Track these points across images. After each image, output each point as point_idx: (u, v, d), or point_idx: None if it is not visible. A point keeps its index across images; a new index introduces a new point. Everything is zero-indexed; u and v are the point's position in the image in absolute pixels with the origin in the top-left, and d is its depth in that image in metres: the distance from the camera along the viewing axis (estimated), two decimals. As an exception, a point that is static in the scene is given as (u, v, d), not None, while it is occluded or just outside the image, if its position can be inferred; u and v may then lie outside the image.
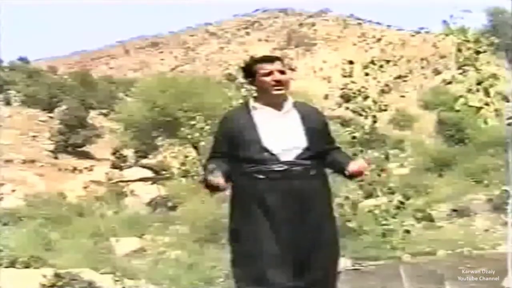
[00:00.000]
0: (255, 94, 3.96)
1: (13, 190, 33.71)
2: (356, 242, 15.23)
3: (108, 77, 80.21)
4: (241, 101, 4.80)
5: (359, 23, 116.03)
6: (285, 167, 3.70)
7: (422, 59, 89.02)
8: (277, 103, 3.84)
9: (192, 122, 11.24)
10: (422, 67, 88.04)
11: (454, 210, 19.10)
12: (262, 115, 3.81)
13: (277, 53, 62.21)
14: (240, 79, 8.15)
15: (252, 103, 3.90)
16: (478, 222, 18.35)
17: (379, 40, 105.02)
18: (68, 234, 16.38)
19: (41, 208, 23.38)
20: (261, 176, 3.70)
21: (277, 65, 3.84)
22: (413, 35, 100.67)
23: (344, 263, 11.44)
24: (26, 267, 10.82)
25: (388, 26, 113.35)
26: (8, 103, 55.05)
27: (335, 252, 3.92)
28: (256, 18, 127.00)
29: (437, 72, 77.97)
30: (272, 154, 3.71)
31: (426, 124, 36.37)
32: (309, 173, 3.75)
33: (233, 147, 3.77)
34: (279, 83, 3.80)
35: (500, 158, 18.31)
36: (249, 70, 3.93)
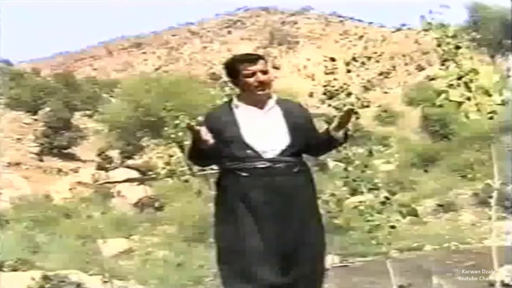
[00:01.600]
0: (238, 93, 3.97)
1: (-1, 194, 33.47)
2: (343, 238, 15.29)
3: (92, 78, 79.72)
4: (225, 99, 4.81)
5: (341, 21, 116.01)
6: (268, 164, 3.73)
7: (404, 56, 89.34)
8: (260, 101, 3.86)
9: (176, 122, 11.23)
10: (406, 64, 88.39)
11: (440, 205, 19.21)
12: (244, 113, 3.84)
13: (260, 52, 62.31)
14: (224, 78, 8.18)
15: (235, 101, 3.93)
16: (464, 217, 18.48)
17: (361, 37, 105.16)
18: (55, 236, 16.31)
19: (28, 210, 23.26)
20: (244, 174, 3.73)
21: (259, 65, 3.84)
22: (394, 32, 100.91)
23: (331, 259, 11.48)
24: (14, 270, 10.78)
25: (370, 23, 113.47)
26: (-9, 105, 54.71)
27: (321, 248, 3.94)
28: (238, 17, 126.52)
29: (420, 68, 78.28)
30: (255, 151, 3.74)
31: (410, 120, 36.53)
32: (292, 170, 3.77)
33: (215, 144, 3.77)
34: (262, 84, 3.81)
35: (485, 152, 18.42)
36: (231, 69, 3.93)
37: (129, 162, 41.70)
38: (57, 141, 45.33)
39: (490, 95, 5.71)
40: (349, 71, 8.38)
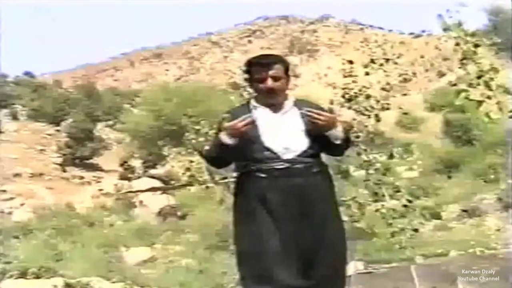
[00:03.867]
0: (255, 94, 3.94)
1: (22, 204, 33.74)
2: (367, 245, 15.19)
3: (113, 88, 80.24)
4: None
5: (361, 28, 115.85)
6: (287, 165, 3.69)
7: (425, 62, 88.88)
8: (276, 104, 3.82)
9: (197, 127, 11.24)
10: (426, 70, 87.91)
11: (465, 211, 18.97)
12: (262, 115, 3.80)
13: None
14: (244, 84, 8.15)
15: (253, 102, 3.90)
16: (489, 222, 18.21)
17: (381, 44, 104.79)
18: (78, 244, 16.35)
19: (51, 219, 23.38)
20: (262, 175, 3.69)
21: (272, 70, 3.79)
22: (414, 38, 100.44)
23: (355, 266, 11.39)
24: (37, 278, 10.78)
25: (390, 30, 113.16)
26: (14, 117, 55.24)
27: (342, 250, 3.89)
28: (258, 26, 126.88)
29: (441, 74, 77.82)
30: (274, 153, 3.70)
31: (432, 125, 36.27)
32: (311, 171, 3.73)
33: (235, 145, 3.74)
34: (271, 91, 3.77)
35: (509, 157, 18.23)
36: (247, 71, 3.91)
37: (152, 171, 41.87)
38: (79, 152, 45.69)
39: (510, 94, 5.64)
40: (367, 73, 8.32)
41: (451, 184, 23.48)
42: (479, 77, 5.76)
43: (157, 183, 37.87)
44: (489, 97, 5.66)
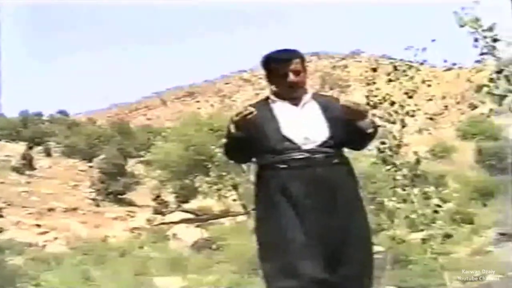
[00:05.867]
0: (273, 89, 3.94)
1: (56, 238, 33.95)
2: (404, 271, 15.05)
3: (146, 126, 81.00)
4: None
5: (391, 62, 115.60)
6: (307, 155, 3.65)
7: (456, 94, 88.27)
8: (295, 98, 3.84)
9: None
10: (458, 102, 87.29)
11: (502, 234, 18.67)
12: (281, 108, 3.81)
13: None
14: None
15: (272, 97, 3.91)
16: (527, 246, 17.90)
17: (412, 77, 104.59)
18: (109, 271, 16.38)
19: (84, 251, 23.47)
20: (282, 166, 3.65)
21: (293, 65, 3.83)
22: (445, 71, 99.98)
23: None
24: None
25: (421, 63, 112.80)
26: (48, 154, 56.00)
27: (368, 247, 3.80)
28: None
29: (473, 107, 77.17)
30: (294, 143, 3.67)
31: (465, 154, 35.88)
32: (331, 161, 3.69)
33: (254, 139, 3.74)
34: (293, 85, 3.81)
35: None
36: (266, 67, 3.94)
37: (185, 206, 41.91)
38: (112, 187, 45.97)
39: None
40: (390, 80, 8.37)
41: (486, 211, 23.22)
42: (499, 72, 5.69)
43: (190, 216, 37.90)
44: (511, 91, 5.59)
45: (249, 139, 3.72)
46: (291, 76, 3.80)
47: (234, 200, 25.65)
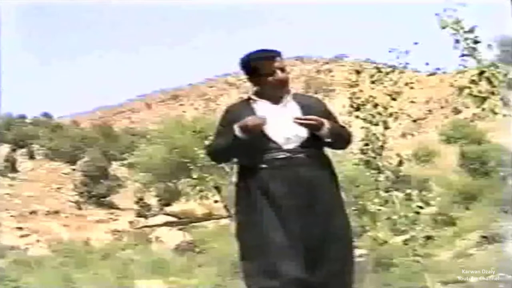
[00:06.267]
0: (255, 89, 3.92)
1: (38, 240, 33.76)
2: (386, 274, 15.07)
3: (130, 129, 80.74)
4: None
5: (375, 67, 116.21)
6: (288, 154, 3.64)
7: (440, 99, 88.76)
8: (277, 97, 3.83)
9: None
10: (442, 107, 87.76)
11: (484, 237, 18.73)
12: (263, 108, 3.78)
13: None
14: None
15: (253, 97, 3.88)
16: (510, 248, 17.97)
17: (396, 82, 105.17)
18: (90, 273, 16.27)
19: (66, 254, 23.33)
20: (263, 165, 3.63)
21: (277, 62, 3.83)
22: (430, 75, 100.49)
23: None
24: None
25: (404, 66, 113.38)
26: (31, 156, 55.75)
27: (348, 245, 3.79)
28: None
29: (457, 111, 77.72)
30: (275, 143, 3.66)
31: (448, 158, 36.03)
32: (312, 161, 3.68)
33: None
34: (281, 82, 3.81)
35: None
36: (249, 67, 3.89)
37: (168, 209, 41.81)
38: (95, 190, 45.81)
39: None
40: (373, 82, 8.41)
41: (469, 214, 23.27)
42: (480, 73, 5.71)
43: (174, 220, 37.79)
44: (492, 93, 5.61)
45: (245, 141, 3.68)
46: (279, 73, 3.80)
47: (216, 201, 25.61)
